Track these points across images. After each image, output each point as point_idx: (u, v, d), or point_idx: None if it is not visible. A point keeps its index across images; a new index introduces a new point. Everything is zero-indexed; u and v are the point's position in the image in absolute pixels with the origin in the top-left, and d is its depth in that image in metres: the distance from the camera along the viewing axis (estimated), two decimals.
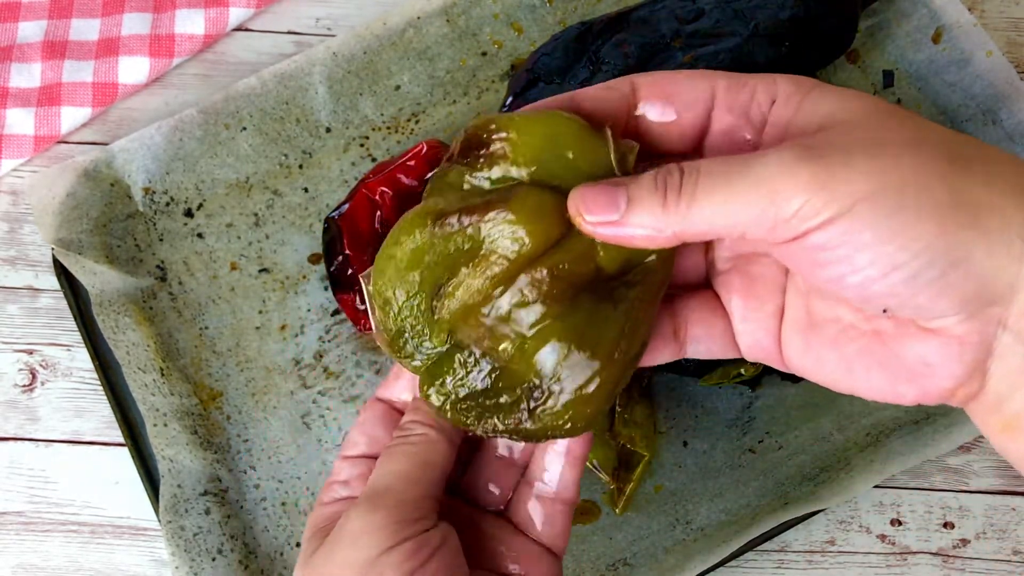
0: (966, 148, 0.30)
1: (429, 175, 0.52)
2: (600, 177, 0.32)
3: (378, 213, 0.56)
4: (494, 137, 0.33)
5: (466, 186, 0.34)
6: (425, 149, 0.56)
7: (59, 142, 0.63)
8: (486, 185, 0.33)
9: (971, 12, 0.64)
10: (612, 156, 0.33)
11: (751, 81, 0.33)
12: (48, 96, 0.63)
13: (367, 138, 0.62)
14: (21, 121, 0.62)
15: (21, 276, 0.60)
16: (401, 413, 0.40)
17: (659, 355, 0.37)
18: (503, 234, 0.32)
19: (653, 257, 0.33)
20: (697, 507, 0.56)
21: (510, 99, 0.57)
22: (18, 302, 0.60)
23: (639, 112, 0.33)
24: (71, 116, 0.62)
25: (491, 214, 0.32)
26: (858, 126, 0.30)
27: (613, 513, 0.56)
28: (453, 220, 0.33)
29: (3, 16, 0.65)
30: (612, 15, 0.59)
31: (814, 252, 0.30)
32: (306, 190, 0.61)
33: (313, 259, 0.60)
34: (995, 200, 0.28)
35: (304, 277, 0.60)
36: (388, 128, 0.63)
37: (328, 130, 0.62)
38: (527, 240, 0.32)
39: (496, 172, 0.33)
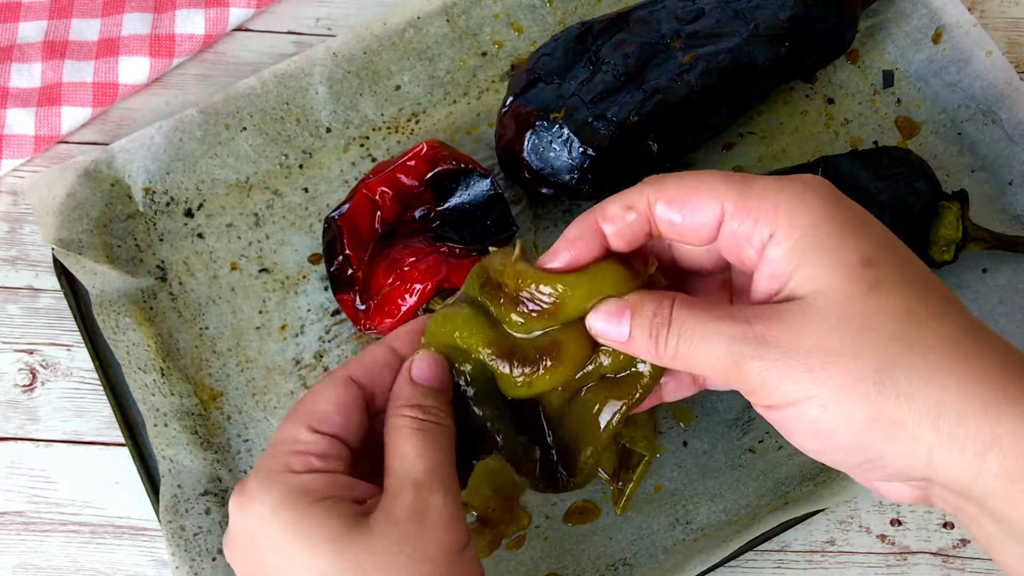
0: (906, 353, 0.33)
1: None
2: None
3: (378, 213, 0.56)
4: (538, 294, 0.39)
5: (508, 327, 0.40)
6: (425, 149, 0.56)
7: (59, 142, 0.63)
8: (530, 333, 0.40)
9: (971, 12, 0.64)
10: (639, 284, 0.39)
11: (755, 208, 0.35)
12: (48, 96, 0.63)
13: (367, 138, 0.62)
14: (21, 121, 0.62)
15: (21, 276, 0.60)
16: (373, 396, 0.40)
17: (681, 394, 0.42)
18: (550, 378, 0.40)
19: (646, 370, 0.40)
20: (697, 507, 0.56)
21: (510, 99, 0.57)
22: (18, 302, 0.60)
23: (656, 226, 0.38)
24: (71, 116, 0.62)
25: (543, 365, 0.39)
26: (814, 315, 0.33)
27: (613, 513, 0.56)
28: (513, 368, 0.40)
29: (3, 16, 0.65)
30: (612, 15, 0.59)
31: (766, 414, 0.36)
32: (306, 190, 0.61)
33: (313, 259, 0.60)
34: (911, 420, 0.32)
35: (304, 277, 0.60)
36: (388, 128, 0.63)
37: (328, 130, 0.62)
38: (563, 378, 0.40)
39: (539, 325, 0.39)
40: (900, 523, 0.57)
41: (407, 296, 0.54)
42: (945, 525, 0.57)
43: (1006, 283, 0.60)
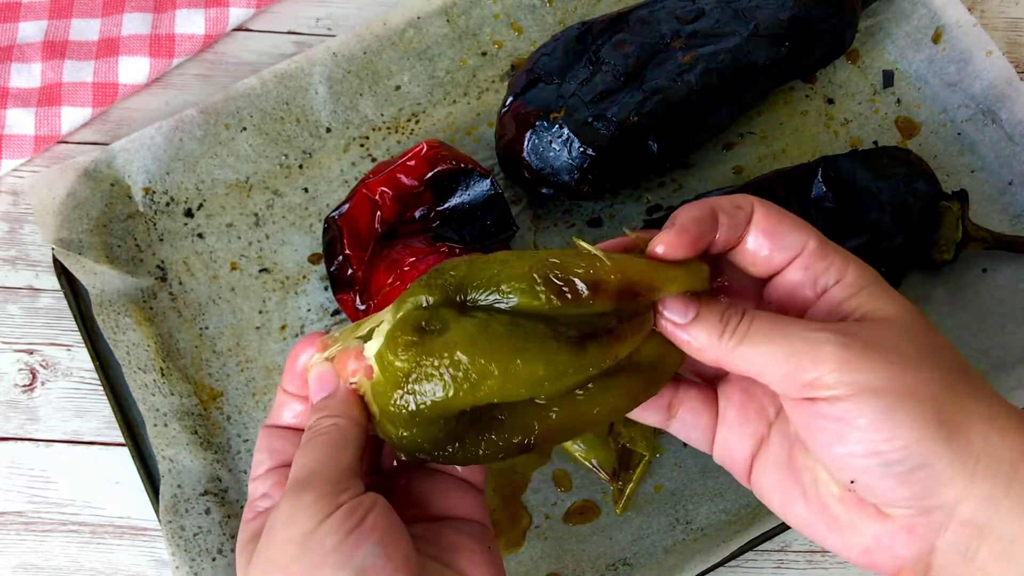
0: (964, 374, 0.36)
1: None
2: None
3: (378, 213, 0.56)
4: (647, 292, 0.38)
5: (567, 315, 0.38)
6: (425, 149, 0.56)
7: (59, 142, 0.63)
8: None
9: (971, 12, 0.64)
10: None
11: (831, 255, 0.39)
12: (48, 96, 0.63)
13: (367, 138, 0.62)
14: (21, 121, 0.62)
15: (21, 276, 0.60)
16: (291, 432, 0.42)
17: (649, 417, 0.43)
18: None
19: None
20: (697, 507, 0.56)
21: (510, 99, 0.57)
22: (18, 302, 0.60)
23: (748, 236, 0.40)
24: (71, 116, 0.62)
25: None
26: (889, 329, 0.37)
27: (613, 513, 0.56)
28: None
29: (3, 16, 0.65)
30: (612, 15, 0.59)
31: (817, 417, 0.36)
32: (306, 190, 0.61)
33: (313, 259, 0.60)
34: (968, 424, 0.35)
35: (304, 277, 0.60)
36: (388, 128, 0.63)
37: (328, 130, 0.62)
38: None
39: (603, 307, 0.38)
40: None
41: None
42: None
43: (1006, 283, 0.60)
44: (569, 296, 0.37)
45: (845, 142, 0.63)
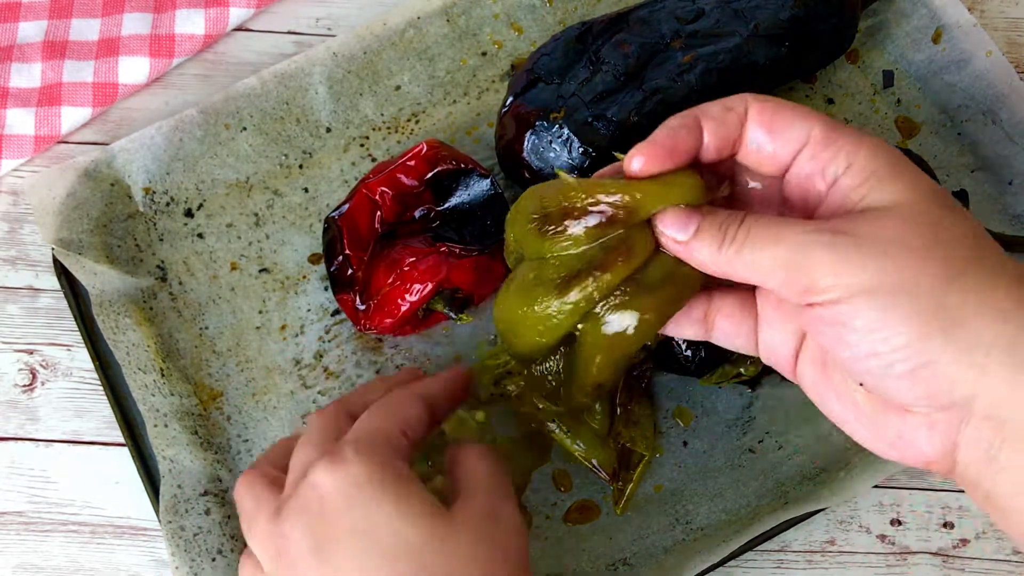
0: (976, 262, 0.34)
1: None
2: None
3: (378, 213, 0.56)
4: (608, 201, 0.39)
5: (556, 251, 0.40)
6: (425, 149, 0.56)
7: (59, 142, 0.63)
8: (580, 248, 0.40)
9: (971, 12, 0.64)
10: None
11: (840, 139, 0.37)
12: (48, 96, 0.63)
13: (367, 138, 0.62)
14: (21, 121, 0.62)
15: (21, 276, 0.60)
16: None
17: (685, 331, 0.42)
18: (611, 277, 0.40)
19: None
20: (697, 507, 0.56)
21: (510, 99, 0.57)
22: (18, 302, 0.60)
23: (746, 135, 0.38)
24: (71, 116, 0.62)
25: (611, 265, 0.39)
26: (891, 219, 0.35)
27: (613, 513, 0.56)
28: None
29: (3, 16, 0.65)
30: (612, 15, 0.59)
31: (818, 322, 0.35)
32: (306, 190, 0.61)
33: (313, 259, 0.60)
34: (973, 317, 0.33)
35: (304, 277, 0.60)
36: (388, 128, 0.63)
37: (328, 130, 0.62)
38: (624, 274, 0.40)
39: (597, 236, 0.39)
40: (900, 523, 0.57)
41: (407, 296, 0.54)
42: (945, 525, 0.57)
43: None
44: (550, 232, 0.39)
45: None
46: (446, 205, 0.57)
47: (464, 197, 0.57)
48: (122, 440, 0.56)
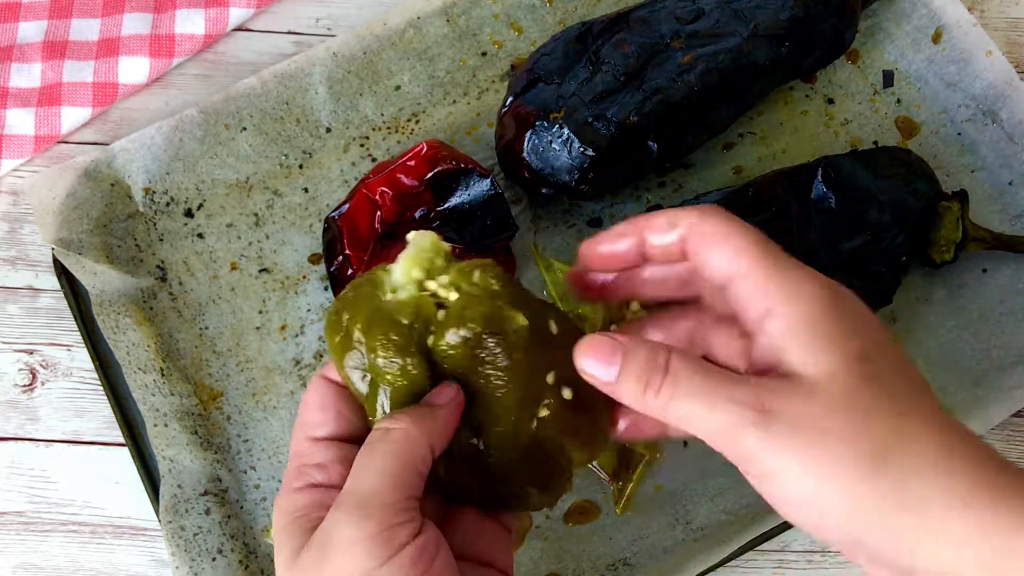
0: (900, 443, 0.34)
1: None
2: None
3: (378, 213, 0.56)
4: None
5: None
6: (425, 149, 0.56)
7: (59, 142, 0.63)
8: None
9: (971, 12, 0.64)
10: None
11: (766, 284, 0.36)
12: (48, 96, 0.63)
13: (367, 138, 0.62)
14: (21, 121, 0.62)
15: (21, 276, 0.60)
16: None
17: (641, 434, 0.42)
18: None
19: None
20: (697, 507, 0.56)
21: (510, 99, 0.57)
22: (18, 302, 0.60)
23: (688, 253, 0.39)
24: (71, 116, 0.62)
25: None
26: (814, 399, 0.34)
27: (613, 513, 0.56)
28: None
29: (3, 16, 0.65)
30: (612, 15, 0.59)
31: (754, 481, 0.36)
32: (306, 190, 0.61)
33: (313, 259, 0.60)
34: (901, 508, 0.33)
35: (304, 277, 0.60)
36: (388, 128, 0.63)
37: (328, 130, 0.62)
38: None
39: None
40: None
41: None
42: None
43: (1006, 283, 0.60)
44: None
45: (845, 142, 0.63)
46: (446, 205, 0.57)
47: (464, 197, 0.57)
48: (122, 440, 0.56)
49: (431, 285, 0.38)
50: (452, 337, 0.37)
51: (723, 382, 0.35)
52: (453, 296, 0.37)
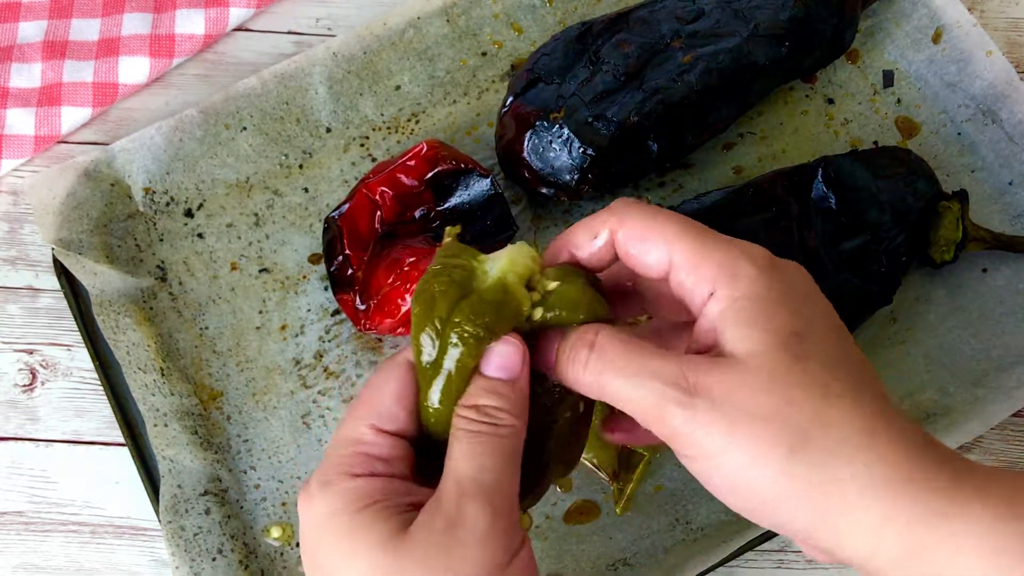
0: (820, 430, 0.34)
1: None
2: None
3: (378, 213, 0.56)
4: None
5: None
6: (425, 149, 0.56)
7: (59, 142, 0.63)
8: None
9: (971, 12, 0.64)
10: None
11: (702, 266, 0.36)
12: (48, 96, 0.63)
13: (367, 138, 0.62)
14: (21, 121, 0.62)
15: (21, 276, 0.60)
16: None
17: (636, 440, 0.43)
18: None
19: None
20: (697, 507, 0.56)
21: (510, 99, 0.57)
22: (18, 302, 0.60)
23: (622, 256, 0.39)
24: (71, 116, 0.62)
25: None
26: (741, 380, 0.34)
27: (613, 513, 0.56)
28: None
29: (3, 16, 0.65)
30: (612, 15, 0.59)
31: (683, 459, 0.36)
32: (306, 190, 0.61)
33: (313, 259, 0.60)
34: (819, 491, 0.34)
35: (304, 277, 0.60)
36: (388, 128, 0.63)
37: (328, 130, 0.62)
38: None
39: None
40: None
41: (407, 296, 0.54)
42: None
43: (1006, 283, 0.60)
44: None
45: (845, 142, 0.63)
46: (446, 205, 0.57)
47: (464, 197, 0.57)
48: (122, 440, 0.56)
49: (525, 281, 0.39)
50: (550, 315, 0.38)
51: (650, 357, 0.35)
52: (553, 285, 0.38)
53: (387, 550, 0.34)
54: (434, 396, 0.38)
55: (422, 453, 0.39)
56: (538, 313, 0.38)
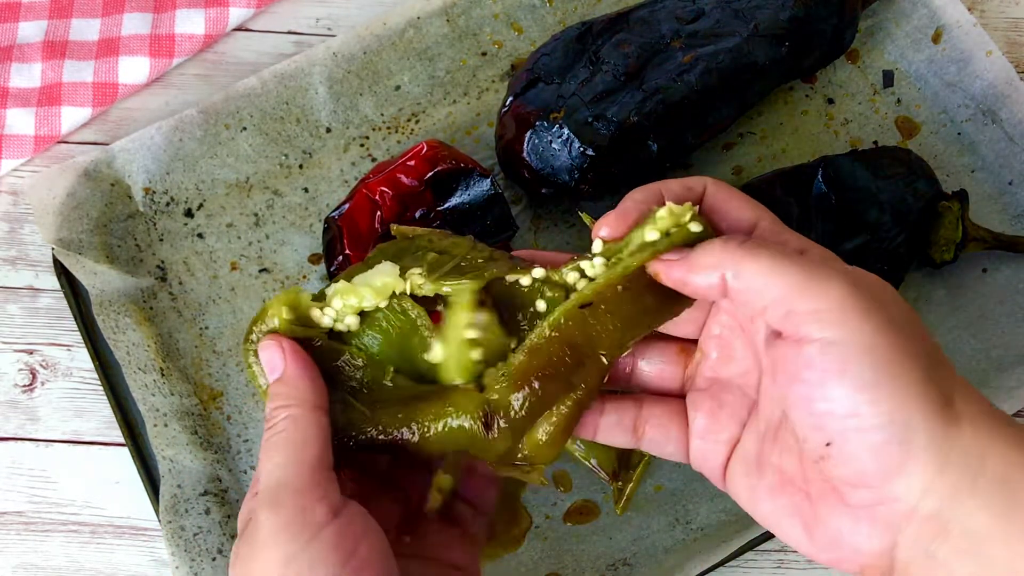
0: (946, 369, 0.35)
1: None
2: None
3: (378, 213, 0.56)
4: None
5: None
6: (425, 149, 0.56)
7: (59, 142, 0.63)
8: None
9: (971, 12, 0.64)
10: None
11: (786, 236, 0.38)
12: (48, 96, 0.63)
13: (367, 138, 0.62)
14: (21, 121, 0.62)
15: (21, 276, 0.60)
16: None
17: (616, 439, 0.41)
18: None
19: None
20: (697, 507, 0.56)
21: (510, 99, 0.57)
22: (18, 302, 0.60)
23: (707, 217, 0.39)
24: (71, 116, 0.62)
25: None
26: (882, 291, 0.35)
27: (613, 513, 0.56)
28: None
29: (3, 16, 0.65)
30: (612, 15, 0.59)
31: (802, 365, 0.34)
32: (306, 190, 0.61)
33: (313, 259, 0.60)
34: (954, 407, 0.33)
35: (304, 277, 0.60)
36: (388, 128, 0.63)
37: (328, 130, 0.62)
38: None
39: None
40: None
41: None
42: None
43: (1006, 283, 0.60)
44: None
45: (845, 142, 0.63)
46: (446, 205, 0.57)
47: (464, 197, 0.57)
48: (122, 440, 0.56)
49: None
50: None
51: (804, 250, 0.36)
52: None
53: (231, 568, 0.36)
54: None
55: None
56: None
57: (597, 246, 0.39)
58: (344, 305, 0.39)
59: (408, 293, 0.40)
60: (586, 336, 0.38)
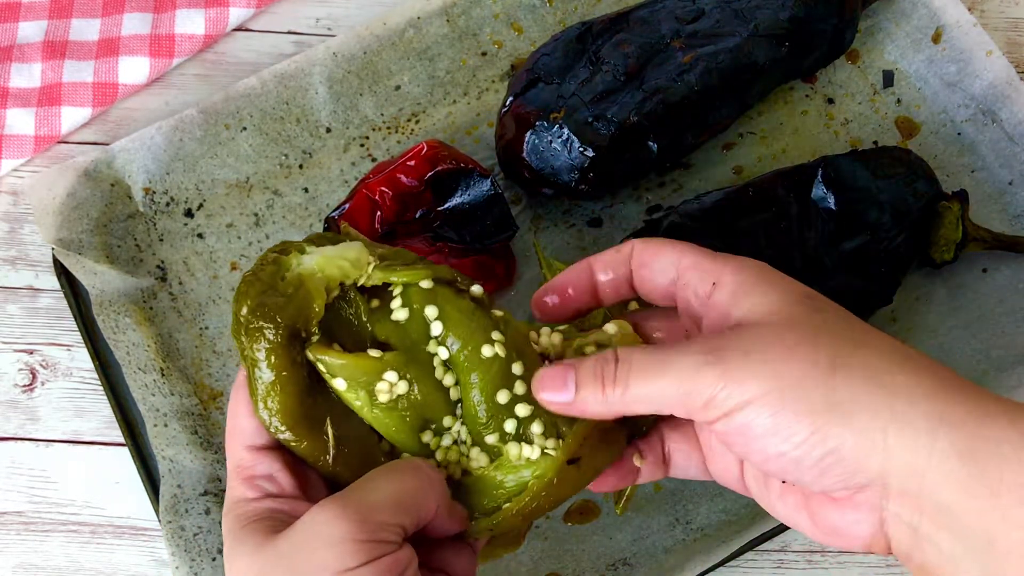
0: (856, 349, 0.36)
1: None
2: None
3: (378, 213, 0.56)
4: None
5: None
6: (425, 149, 0.56)
7: (59, 142, 0.63)
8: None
9: (971, 12, 0.64)
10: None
11: (705, 263, 0.40)
12: (48, 96, 0.63)
13: (367, 138, 0.62)
14: (21, 121, 0.62)
15: (21, 276, 0.60)
16: None
17: (653, 477, 0.44)
18: None
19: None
20: (697, 507, 0.56)
21: (510, 99, 0.57)
22: (18, 302, 0.60)
23: (634, 274, 0.42)
24: (71, 116, 0.62)
25: None
26: (765, 328, 0.36)
27: (613, 513, 0.56)
28: None
29: (3, 16, 0.65)
30: (612, 15, 0.59)
31: (725, 437, 0.37)
32: (306, 190, 0.61)
33: None
34: (866, 400, 0.34)
35: None
36: (388, 128, 0.63)
37: (328, 130, 0.62)
38: None
39: None
40: None
41: None
42: None
43: (1006, 283, 0.60)
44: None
45: (845, 142, 0.63)
46: (446, 205, 0.57)
47: (464, 197, 0.57)
48: (122, 440, 0.56)
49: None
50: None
51: (672, 348, 0.37)
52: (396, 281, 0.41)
53: (256, 553, 0.37)
54: (259, 403, 0.39)
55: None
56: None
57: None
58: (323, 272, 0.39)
59: (358, 285, 0.40)
60: (571, 483, 0.41)
